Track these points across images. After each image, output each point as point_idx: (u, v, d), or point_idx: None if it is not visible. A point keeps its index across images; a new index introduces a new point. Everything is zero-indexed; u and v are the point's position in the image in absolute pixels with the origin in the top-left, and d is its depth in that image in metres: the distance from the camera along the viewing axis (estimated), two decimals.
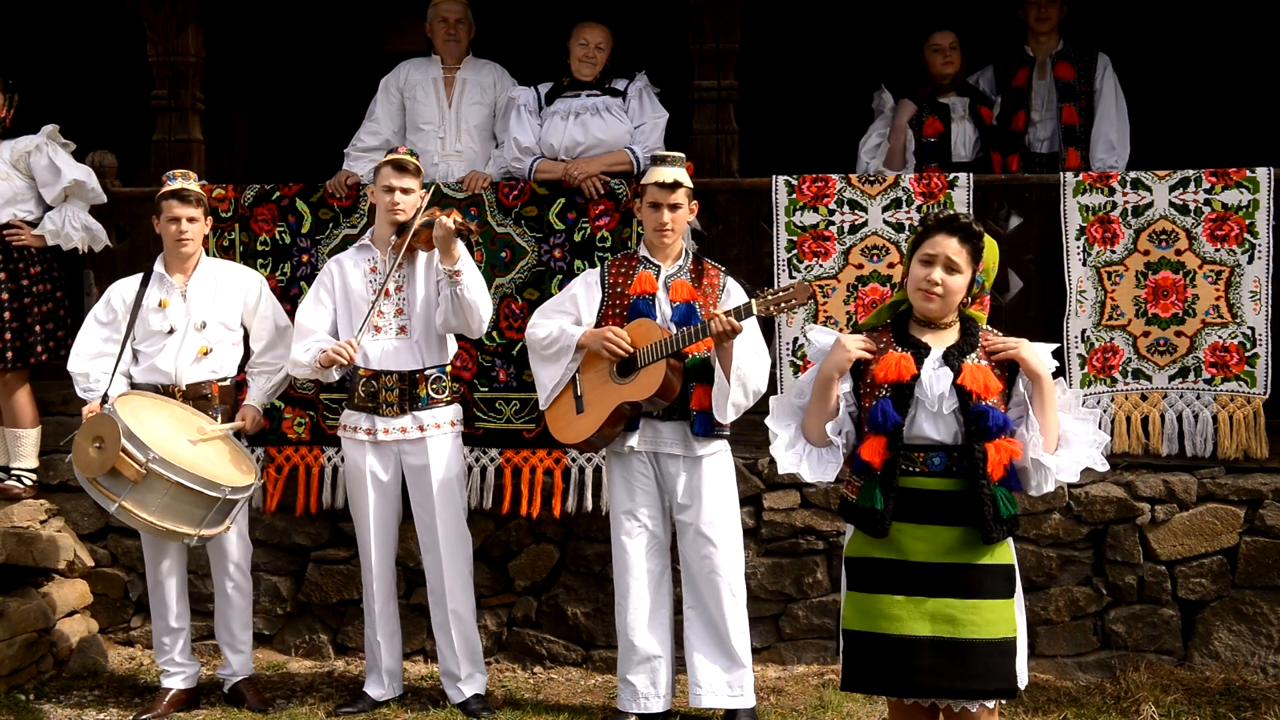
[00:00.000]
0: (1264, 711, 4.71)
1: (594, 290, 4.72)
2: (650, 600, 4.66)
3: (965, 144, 5.78)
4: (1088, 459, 3.32)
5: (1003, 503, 3.23)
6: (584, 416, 4.62)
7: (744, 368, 4.42)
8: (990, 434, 3.23)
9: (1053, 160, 5.78)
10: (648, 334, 4.52)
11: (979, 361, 3.30)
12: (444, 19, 5.81)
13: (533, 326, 4.75)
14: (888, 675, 3.26)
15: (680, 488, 4.61)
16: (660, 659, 4.66)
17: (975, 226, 3.34)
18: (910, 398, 3.27)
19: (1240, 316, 5.16)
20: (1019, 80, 5.84)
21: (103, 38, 6.94)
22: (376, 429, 4.80)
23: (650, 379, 4.46)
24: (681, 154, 4.72)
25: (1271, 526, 5.10)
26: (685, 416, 4.56)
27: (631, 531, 4.65)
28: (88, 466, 4.47)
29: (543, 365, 4.74)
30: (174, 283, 4.94)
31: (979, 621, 3.22)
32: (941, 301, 3.32)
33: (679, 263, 4.70)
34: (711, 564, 4.59)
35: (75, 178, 5.54)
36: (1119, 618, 5.19)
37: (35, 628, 5.30)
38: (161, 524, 4.46)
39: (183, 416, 4.75)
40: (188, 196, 4.91)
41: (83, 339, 4.96)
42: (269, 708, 4.92)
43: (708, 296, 4.62)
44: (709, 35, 5.59)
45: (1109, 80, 5.76)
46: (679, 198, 4.61)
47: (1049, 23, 5.80)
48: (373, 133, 5.87)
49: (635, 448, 4.60)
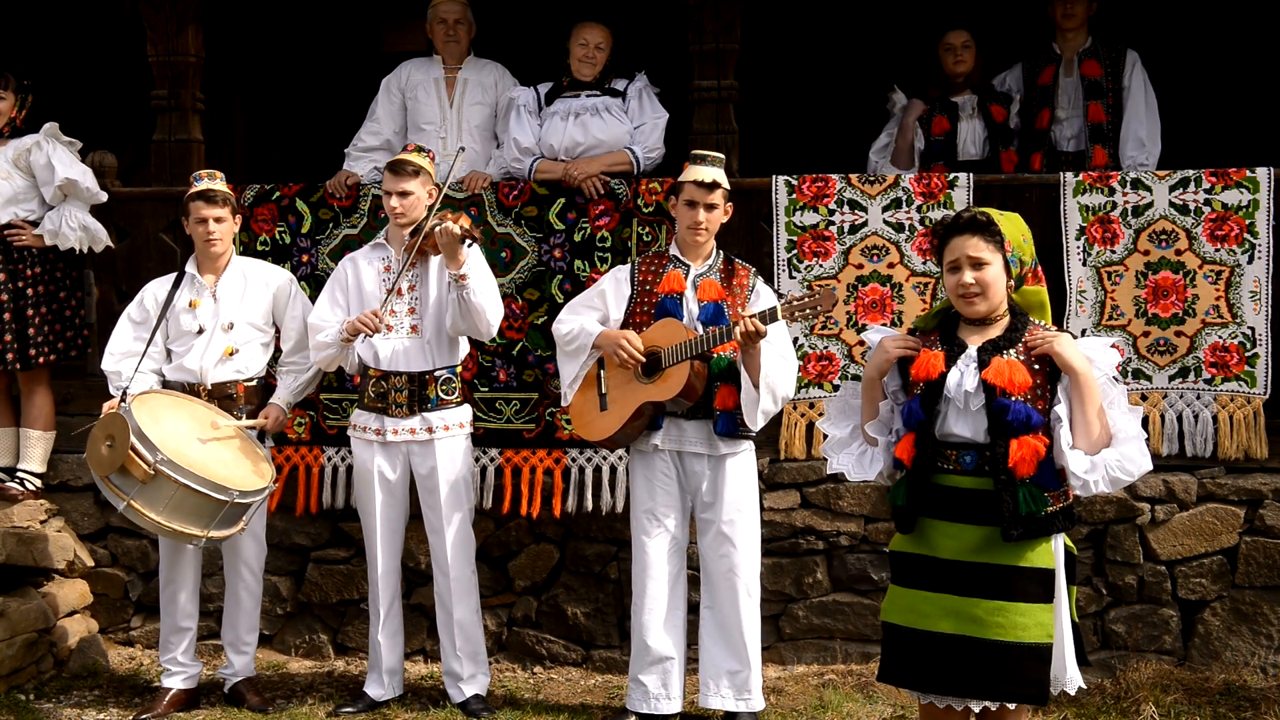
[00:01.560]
0: (1264, 711, 4.71)
1: (623, 287, 4.71)
2: (666, 601, 4.64)
3: (975, 142, 5.76)
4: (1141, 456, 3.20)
5: (1025, 501, 3.18)
6: (607, 414, 4.61)
7: (772, 375, 4.40)
8: (1012, 429, 3.20)
9: (1079, 158, 5.75)
10: (674, 334, 4.50)
11: (1013, 356, 3.27)
12: (443, 19, 5.81)
13: (559, 322, 4.75)
14: (916, 670, 3.27)
15: (704, 486, 4.61)
16: (673, 660, 4.66)
17: (980, 216, 3.33)
18: (939, 395, 3.28)
19: (1240, 316, 5.16)
20: (1045, 77, 5.80)
21: (103, 38, 6.94)
22: (385, 430, 4.80)
23: (674, 379, 4.45)
24: (721, 155, 4.68)
25: (1271, 526, 5.10)
26: (710, 415, 4.54)
27: (651, 531, 4.64)
28: (99, 464, 4.50)
29: (564, 360, 4.75)
30: (204, 283, 4.97)
31: (1005, 624, 3.18)
32: (984, 299, 3.31)
33: (709, 262, 4.68)
34: (730, 563, 4.59)
35: (68, 176, 5.50)
36: (1119, 618, 5.19)
37: (35, 628, 5.30)
38: (169, 524, 4.47)
39: (205, 416, 4.76)
40: (214, 197, 4.92)
41: (116, 338, 5.00)
42: (269, 708, 4.92)
43: (736, 297, 4.61)
44: (709, 35, 5.59)
45: (1138, 77, 5.72)
46: (716, 198, 4.58)
47: (1076, 19, 5.76)
48: (374, 133, 5.87)
49: (660, 446, 4.60)
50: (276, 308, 5.05)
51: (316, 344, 4.85)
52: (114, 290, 5.87)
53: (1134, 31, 6.62)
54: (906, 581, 3.33)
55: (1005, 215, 3.37)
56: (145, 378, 4.89)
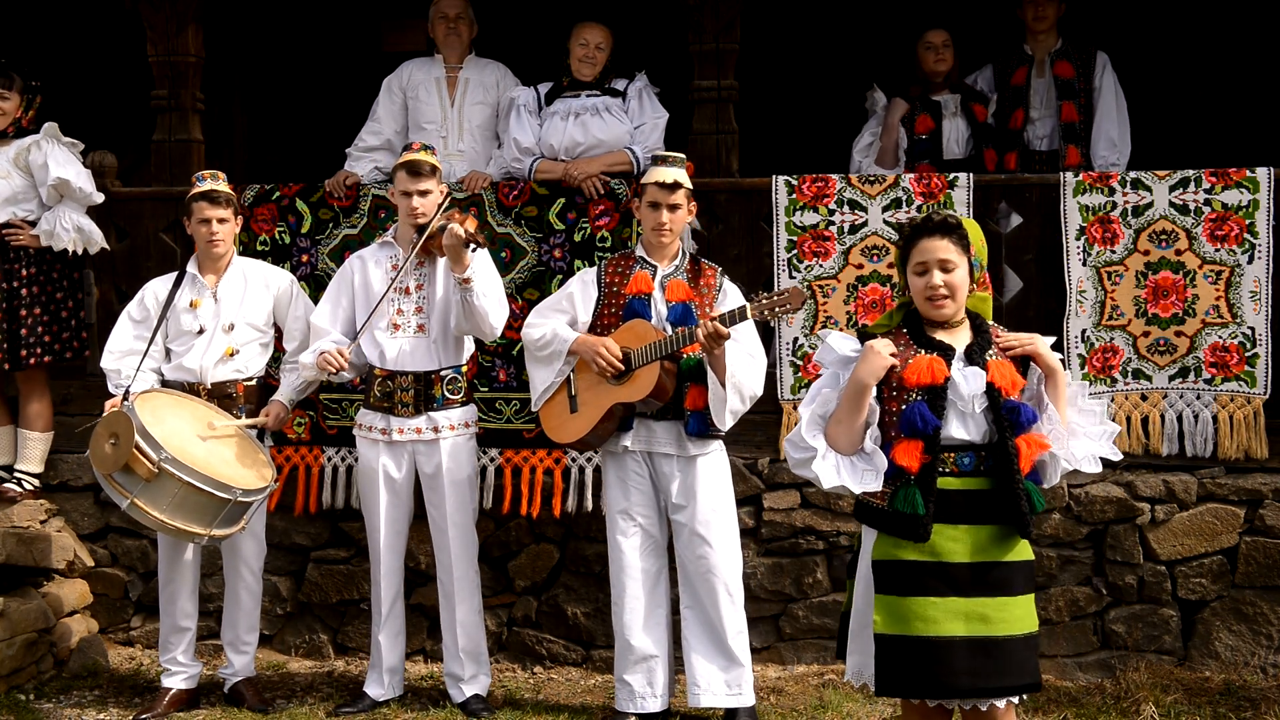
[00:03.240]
0: (1264, 711, 4.71)
1: (590, 289, 4.72)
2: (646, 600, 4.65)
3: (958, 141, 5.79)
4: (1102, 449, 3.33)
5: (1036, 496, 3.26)
6: (577, 416, 4.62)
7: (739, 374, 4.41)
8: (1024, 429, 3.24)
9: (1052, 158, 5.79)
10: (642, 335, 4.51)
11: (1000, 358, 3.30)
12: (444, 15, 5.81)
13: (528, 326, 4.75)
14: (924, 678, 3.23)
15: (675, 488, 4.60)
16: (657, 659, 4.66)
17: (950, 219, 3.33)
18: (942, 400, 3.27)
19: (1240, 316, 5.15)
20: (1018, 78, 5.85)
21: (103, 38, 6.94)
22: (391, 429, 4.81)
23: (644, 380, 4.46)
24: (682, 155, 4.72)
25: (1271, 526, 5.10)
26: (679, 416, 4.55)
27: (626, 531, 4.65)
28: (102, 462, 4.51)
29: (536, 366, 4.75)
30: (205, 283, 4.98)
31: (1009, 619, 3.22)
32: (951, 302, 3.31)
33: (676, 263, 4.69)
34: (708, 564, 4.58)
35: (60, 176, 5.45)
36: (1119, 618, 5.19)
37: (35, 628, 5.30)
38: (172, 523, 4.48)
39: (205, 415, 4.77)
40: (217, 198, 4.93)
41: (115, 337, 5.01)
42: (269, 708, 4.92)
43: (704, 297, 4.62)
44: (709, 35, 5.59)
45: (1108, 78, 5.78)
46: (678, 198, 4.60)
47: (1047, 21, 5.82)
48: (375, 133, 5.87)
49: (630, 447, 4.60)
50: (278, 309, 5.06)
51: (301, 359, 4.87)
52: (114, 290, 5.87)
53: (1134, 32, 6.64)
54: (903, 590, 3.25)
55: (965, 219, 3.38)
56: (145, 377, 4.89)
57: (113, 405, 4.70)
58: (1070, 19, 5.94)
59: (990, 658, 3.20)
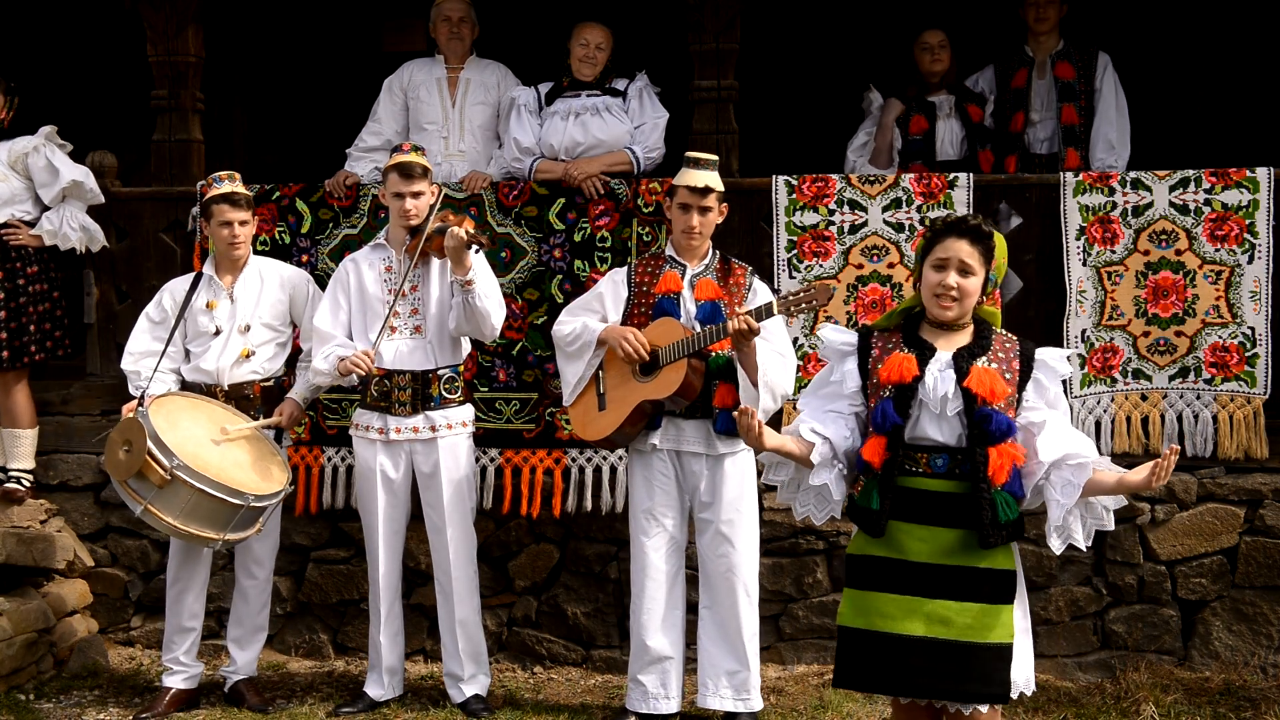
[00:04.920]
0: (1264, 711, 4.71)
1: (620, 289, 4.72)
2: (665, 601, 4.65)
3: (952, 142, 5.78)
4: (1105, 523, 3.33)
5: (1002, 508, 3.21)
6: (605, 414, 4.61)
7: (770, 373, 4.40)
8: (993, 438, 3.21)
9: (1052, 161, 5.77)
10: (670, 333, 4.51)
11: (989, 365, 3.28)
12: (447, 18, 5.81)
13: (559, 324, 4.76)
14: (880, 673, 3.25)
15: (702, 486, 4.61)
16: (671, 660, 4.66)
17: (985, 227, 3.33)
18: (912, 399, 3.27)
19: (1240, 316, 5.15)
20: (1018, 80, 5.84)
21: (103, 38, 6.94)
22: (389, 428, 4.80)
23: (672, 378, 4.46)
24: (715, 157, 4.68)
25: (1271, 526, 5.10)
26: (708, 415, 4.55)
27: (650, 531, 4.65)
28: (116, 468, 4.53)
29: (566, 361, 4.75)
30: (221, 284, 4.98)
31: (974, 625, 3.20)
32: (958, 305, 3.31)
33: (705, 262, 4.69)
34: (729, 563, 4.59)
35: (74, 178, 5.53)
36: (1119, 618, 5.19)
37: (35, 628, 5.30)
38: (185, 528, 4.49)
39: (223, 418, 4.77)
40: (238, 200, 4.93)
41: (135, 338, 5.01)
42: (269, 708, 4.92)
43: (733, 295, 4.62)
44: (709, 35, 5.59)
45: (1109, 79, 5.75)
46: (709, 202, 4.60)
47: (1048, 22, 5.80)
48: (375, 133, 5.86)
49: (658, 445, 4.60)
50: (294, 306, 5.06)
51: (315, 365, 4.84)
52: (113, 290, 5.87)
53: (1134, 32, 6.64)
54: (869, 584, 3.29)
55: (997, 235, 3.38)
56: (164, 378, 4.90)
57: (128, 410, 4.71)
58: (1071, 20, 5.93)
59: (950, 662, 3.19)
